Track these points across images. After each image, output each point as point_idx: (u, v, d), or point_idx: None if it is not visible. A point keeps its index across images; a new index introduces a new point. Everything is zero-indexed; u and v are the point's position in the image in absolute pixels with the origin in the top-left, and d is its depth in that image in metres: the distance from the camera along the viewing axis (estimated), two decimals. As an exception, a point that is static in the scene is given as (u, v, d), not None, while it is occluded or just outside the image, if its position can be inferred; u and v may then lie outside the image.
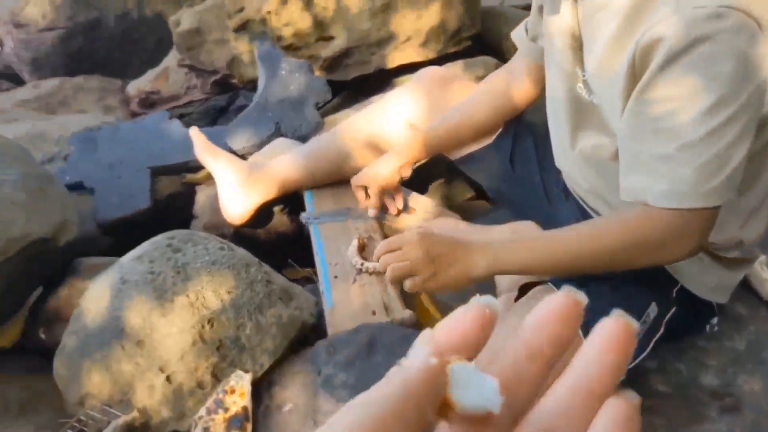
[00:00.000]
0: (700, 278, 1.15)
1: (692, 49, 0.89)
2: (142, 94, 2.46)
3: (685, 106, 0.92)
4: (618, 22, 1.00)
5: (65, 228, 1.59)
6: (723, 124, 0.91)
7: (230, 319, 1.28)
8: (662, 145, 0.95)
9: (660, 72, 0.93)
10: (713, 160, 0.92)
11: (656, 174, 0.96)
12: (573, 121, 1.19)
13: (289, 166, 1.68)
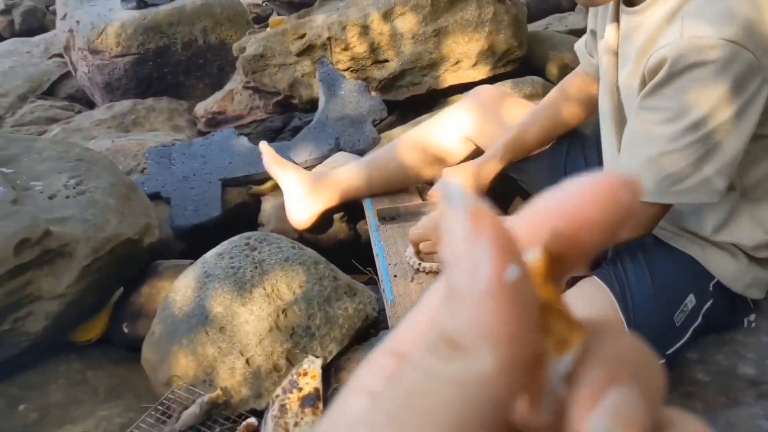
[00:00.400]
0: (735, 275, 1.25)
1: (687, 73, 1.05)
2: (209, 114, 2.64)
3: (673, 120, 1.08)
4: (642, 41, 1.14)
5: (149, 231, 1.75)
6: (699, 140, 1.07)
7: (302, 310, 1.41)
8: (648, 149, 1.12)
9: (660, 86, 1.08)
10: (690, 166, 1.09)
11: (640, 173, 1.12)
12: (618, 132, 1.32)
13: (350, 175, 1.82)
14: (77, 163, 1.75)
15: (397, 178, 1.81)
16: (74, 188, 1.68)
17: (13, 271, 1.45)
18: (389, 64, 2.34)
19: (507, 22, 2.29)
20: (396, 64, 2.33)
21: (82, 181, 1.70)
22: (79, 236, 1.56)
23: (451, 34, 2.29)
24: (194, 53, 3.05)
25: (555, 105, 1.60)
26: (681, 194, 1.12)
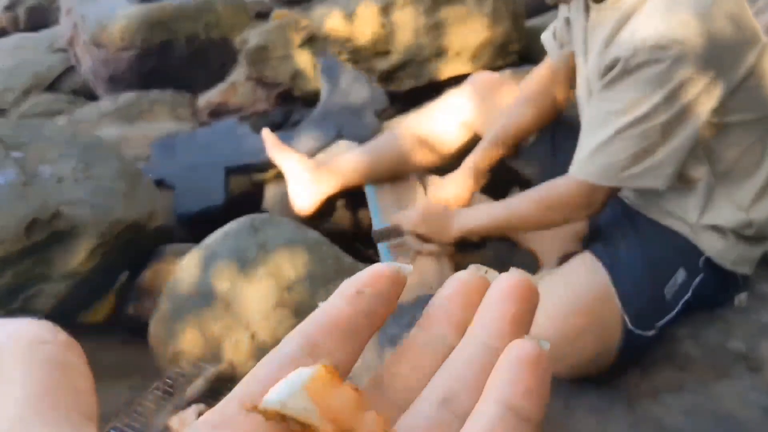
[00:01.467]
0: (723, 252, 1.28)
1: (637, 71, 1.14)
2: (212, 106, 2.68)
3: (626, 110, 1.17)
4: (604, 35, 1.21)
5: (154, 215, 1.79)
6: (646, 132, 1.16)
7: (306, 288, 1.45)
8: (601, 134, 1.20)
9: (614, 81, 1.18)
10: (638, 155, 1.18)
11: (593, 156, 1.22)
12: None
13: (352, 162, 1.86)
14: (85, 149, 1.79)
15: (397, 165, 1.85)
16: (82, 173, 1.72)
17: (24, 252, 1.49)
18: (390, 55, 2.38)
19: (506, 16, 2.33)
20: (397, 56, 2.37)
21: (90, 167, 1.74)
22: (87, 219, 1.60)
23: (451, 26, 2.33)
24: (197, 48, 3.08)
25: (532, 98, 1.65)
26: (627, 179, 1.22)
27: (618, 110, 1.18)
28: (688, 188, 1.24)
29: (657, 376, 1.26)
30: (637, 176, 1.20)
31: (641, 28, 1.14)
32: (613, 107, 1.18)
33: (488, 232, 1.49)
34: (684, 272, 1.25)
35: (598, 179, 1.23)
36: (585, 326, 1.14)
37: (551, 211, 1.32)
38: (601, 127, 1.21)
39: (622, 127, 1.17)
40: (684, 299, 1.26)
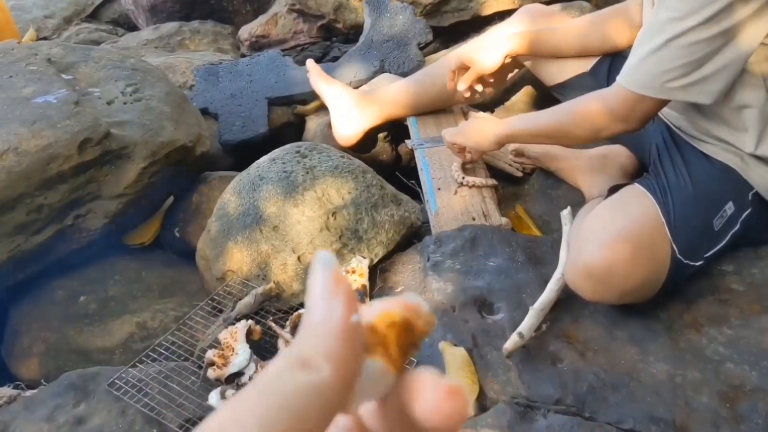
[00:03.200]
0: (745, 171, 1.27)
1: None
2: (253, 38, 2.68)
3: (682, 19, 1.13)
4: None
5: (201, 140, 1.81)
6: (704, 41, 1.13)
7: (350, 214, 1.47)
8: (652, 42, 1.18)
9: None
10: (690, 64, 1.15)
11: (641, 64, 1.20)
12: None
13: (396, 94, 1.85)
14: (133, 72, 1.80)
15: (441, 97, 1.84)
16: (131, 95, 1.74)
17: (77, 169, 1.52)
18: (435, -11, 2.35)
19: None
20: (442, -10, 2.34)
21: (139, 89, 1.76)
22: (137, 139, 1.63)
23: (499, -41, 2.29)
24: (238, -22, 3.06)
25: (597, 23, 1.62)
26: (672, 91, 1.19)
27: (674, 18, 1.15)
28: (742, 117, 1.22)
29: (700, 308, 1.27)
30: (683, 89, 1.18)
31: None
32: (670, 15, 1.16)
33: (529, 138, 1.50)
34: (733, 205, 1.25)
35: (643, 88, 1.21)
36: (635, 254, 1.15)
37: (588, 121, 1.30)
38: (655, 35, 1.18)
39: (675, 35, 1.15)
40: (732, 231, 1.25)
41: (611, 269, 1.15)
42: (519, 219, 1.60)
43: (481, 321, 1.28)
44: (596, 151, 1.63)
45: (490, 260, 1.41)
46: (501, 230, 1.49)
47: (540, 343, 1.22)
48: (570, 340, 1.23)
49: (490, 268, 1.38)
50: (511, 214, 1.62)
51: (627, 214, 1.20)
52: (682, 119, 1.39)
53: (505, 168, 1.80)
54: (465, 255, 1.42)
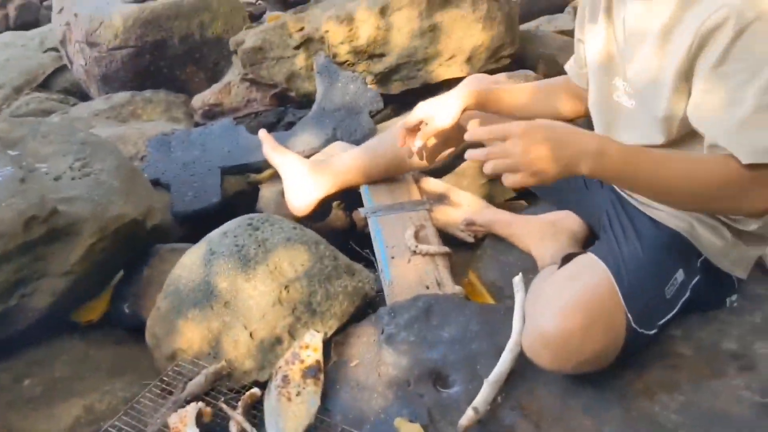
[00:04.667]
0: (723, 251, 1.31)
1: (754, 25, 1.06)
2: (206, 106, 2.69)
3: (757, 74, 1.07)
4: (665, 21, 1.18)
5: (151, 213, 1.79)
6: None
7: (303, 287, 1.46)
8: (739, 111, 1.09)
9: (730, 49, 1.08)
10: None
11: (740, 135, 1.09)
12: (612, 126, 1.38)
13: (348, 163, 1.87)
14: (82, 146, 1.79)
15: (393, 165, 1.86)
16: (79, 170, 1.72)
17: (22, 248, 1.49)
18: (385, 58, 2.40)
19: (500, 19, 2.36)
20: (392, 58, 2.39)
21: (88, 163, 1.74)
22: (85, 215, 1.60)
23: (446, 29, 2.35)
24: (191, 47, 3.09)
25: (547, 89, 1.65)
26: None
27: (746, 79, 1.07)
28: None
29: (651, 374, 1.28)
30: None
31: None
32: (737, 79, 1.08)
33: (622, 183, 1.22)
34: (683, 272, 1.27)
35: (756, 157, 1.07)
36: (590, 323, 1.16)
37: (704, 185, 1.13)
38: (733, 104, 1.09)
39: (761, 90, 1.06)
40: (683, 299, 1.28)
41: (567, 338, 1.16)
42: (472, 286, 1.61)
43: (437, 395, 1.27)
44: (546, 218, 1.66)
45: (445, 330, 1.40)
46: (455, 299, 1.49)
47: (495, 415, 1.21)
48: (525, 411, 1.23)
49: (444, 339, 1.38)
50: (464, 282, 1.63)
51: (582, 283, 1.22)
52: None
53: (457, 234, 1.81)
54: (419, 326, 1.41)
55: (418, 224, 1.74)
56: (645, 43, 1.23)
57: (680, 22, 1.16)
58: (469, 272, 1.67)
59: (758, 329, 1.37)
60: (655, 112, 1.23)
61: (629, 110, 1.32)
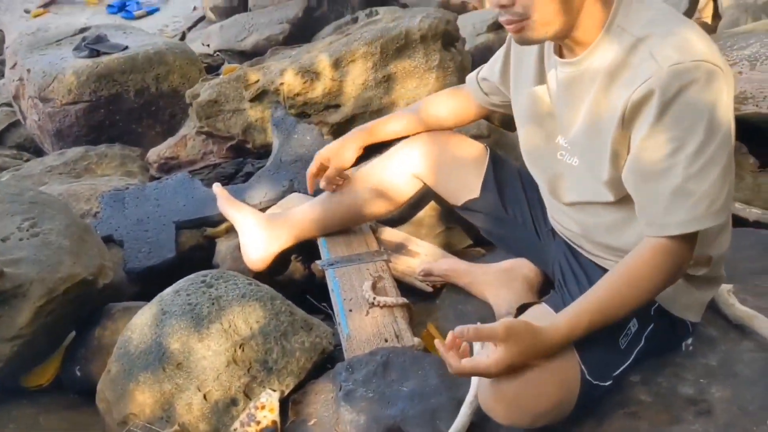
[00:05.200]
0: (674, 297, 1.32)
1: (678, 98, 1.11)
2: (161, 160, 2.66)
3: (682, 145, 1.12)
4: (595, 90, 1.22)
5: (103, 272, 1.75)
6: (714, 152, 1.12)
7: (259, 345, 1.43)
8: (669, 181, 1.14)
9: (656, 122, 1.13)
10: (715, 183, 1.13)
11: (671, 207, 1.15)
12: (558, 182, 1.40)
13: (304, 215, 1.86)
14: (31, 205, 1.75)
15: (349, 216, 1.86)
16: (28, 230, 1.68)
17: (-35, 313, 1.44)
18: (341, 108, 2.41)
19: (452, 69, 2.39)
20: (348, 109, 2.40)
21: (36, 223, 1.70)
22: (33, 277, 1.56)
23: (400, 79, 2.38)
24: (147, 101, 3.07)
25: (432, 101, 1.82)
26: (718, 214, 1.15)
27: (676, 147, 1.12)
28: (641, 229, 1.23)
29: (612, 424, 1.27)
30: (725, 207, 1.16)
31: (663, 58, 1.11)
32: (668, 147, 1.13)
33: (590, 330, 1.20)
34: (636, 322, 1.28)
35: (688, 226, 1.15)
36: (545, 376, 1.15)
37: (648, 282, 1.18)
38: (665, 173, 1.14)
39: (690, 159, 1.12)
40: (637, 348, 1.28)
41: (520, 393, 1.15)
42: (431, 338, 1.60)
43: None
44: (502, 266, 1.67)
45: (403, 385, 1.38)
46: (414, 352, 1.48)
47: (456, 472, 1.19)
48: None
49: (403, 394, 1.36)
50: (423, 334, 1.61)
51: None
52: (581, 237, 1.44)
53: (416, 284, 1.81)
54: (378, 381, 1.39)
55: (376, 275, 1.73)
56: (581, 108, 1.26)
57: (611, 90, 1.20)
58: (428, 324, 1.66)
59: (714, 372, 1.38)
60: (599, 175, 1.26)
61: (574, 168, 1.34)
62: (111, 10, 5.14)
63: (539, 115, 1.40)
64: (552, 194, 1.45)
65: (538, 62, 1.39)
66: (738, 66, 2.23)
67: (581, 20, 1.20)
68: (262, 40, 3.91)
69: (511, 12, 1.17)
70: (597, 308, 1.18)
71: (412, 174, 1.78)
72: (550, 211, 1.54)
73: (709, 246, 1.29)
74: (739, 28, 2.80)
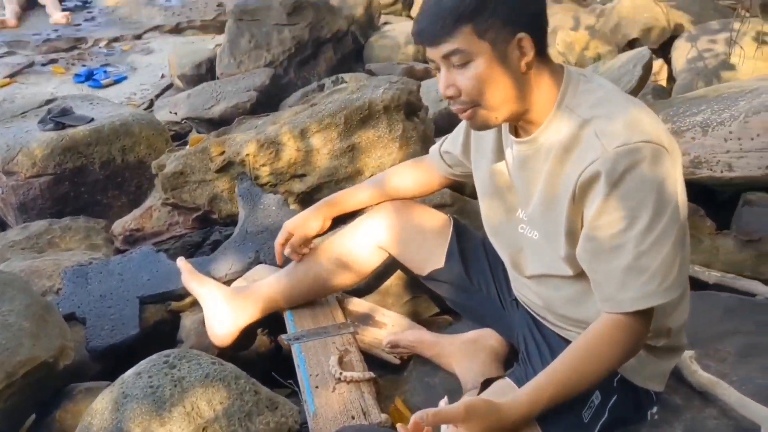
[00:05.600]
0: (636, 368, 1.33)
1: (624, 179, 1.15)
2: (127, 232, 2.64)
3: (632, 223, 1.16)
4: (548, 169, 1.25)
5: (64, 353, 1.72)
6: (664, 229, 1.16)
7: (223, 427, 1.40)
8: (621, 258, 1.17)
9: (604, 202, 1.17)
10: (667, 259, 1.16)
11: (625, 284, 1.18)
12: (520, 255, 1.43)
13: (270, 288, 1.85)
14: (-11, 286, 1.72)
15: (315, 288, 1.86)
16: (-14, 312, 1.65)
17: None
18: (306, 178, 2.43)
19: (415, 138, 2.44)
20: (313, 178, 2.42)
21: (-5, 305, 1.67)
22: (-10, 362, 1.52)
23: (365, 149, 2.41)
24: (112, 172, 3.07)
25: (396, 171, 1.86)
26: (670, 290, 1.18)
27: (626, 225, 1.16)
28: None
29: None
30: (677, 282, 1.19)
31: (608, 140, 1.15)
32: (618, 226, 1.16)
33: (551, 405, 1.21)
34: (600, 394, 1.29)
35: (641, 303, 1.18)
36: None
37: (607, 358, 1.20)
38: (616, 251, 1.18)
39: (640, 236, 1.15)
40: (601, 421, 1.29)
41: None
42: (399, 413, 1.58)
43: None
44: (468, 336, 1.67)
45: (371, 464, 1.36)
46: (380, 429, 1.46)
47: None
48: None
49: (370, 474, 1.34)
50: (391, 409, 1.60)
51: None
52: (543, 309, 1.45)
53: (383, 356, 1.80)
54: (344, 461, 1.37)
55: (342, 349, 1.72)
56: (537, 184, 1.30)
57: (563, 169, 1.24)
58: (396, 398, 1.64)
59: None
60: (557, 251, 1.29)
61: (534, 241, 1.37)
62: (78, 80, 5.14)
63: (499, 189, 1.44)
64: (514, 267, 1.48)
65: (496, 138, 1.43)
66: (691, 132, 2.30)
67: (531, 103, 1.24)
68: (230, 107, 3.94)
69: (458, 102, 1.22)
70: (557, 384, 1.19)
71: (376, 245, 1.79)
72: (513, 283, 1.56)
73: (668, 318, 1.31)
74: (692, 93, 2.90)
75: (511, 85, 1.21)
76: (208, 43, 5.62)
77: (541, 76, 1.24)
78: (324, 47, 4.53)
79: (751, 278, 2.01)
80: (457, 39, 1.19)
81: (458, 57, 1.20)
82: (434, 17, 1.20)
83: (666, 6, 4.36)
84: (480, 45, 1.19)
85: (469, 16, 1.17)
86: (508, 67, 1.20)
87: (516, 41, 1.19)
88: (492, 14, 1.17)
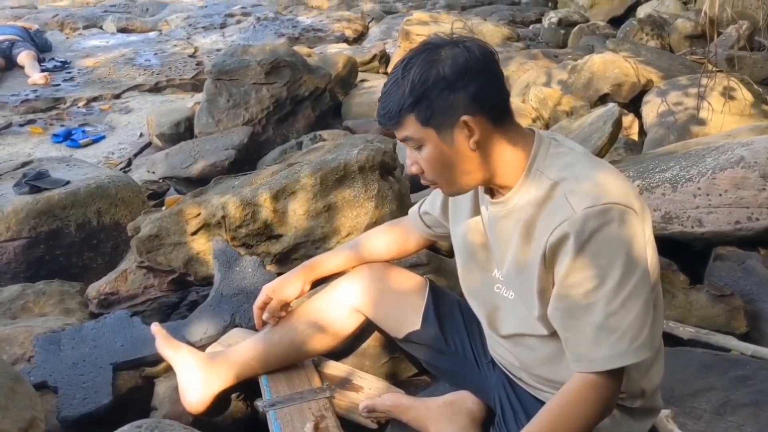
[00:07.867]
0: (613, 429, 1.33)
1: (593, 239, 1.17)
2: (101, 295, 2.61)
3: (602, 282, 1.18)
4: (520, 229, 1.28)
5: (34, 424, 1.67)
6: (633, 288, 1.18)
7: (195, 500, 1.37)
8: (592, 317, 1.19)
9: (573, 262, 1.19)
10: (637, 318, 1.17)
11: (596, 343, 1.19)
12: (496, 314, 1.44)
13: (245, 353, 1.83)
14: (-43, 359, 1.69)
15: (291, 353, 1.84)
16: (-48, 386, 1.61)
17: None
18: (283, 238, 2.44)
19: (391, 197, 2.46)
20: (290, 239, 2.42)
21: (-38, 378, 1.63)
22: (-45, 438, 1.48)
23: (341, 209, 2.43)
24: (88, 234, 3.05)
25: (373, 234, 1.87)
26: (641, 349, 1.19)
27: (596, 285, 1.17)
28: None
29: None
30: (648, 341, 1.19)
31: (577, 202, 1.19)
32: (588, 285, 1.18)
33: None
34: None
35: (612, 362, 1.19)
36: None
37: (580, 418, 1.21)
38: (587, 310, 1.19)
39: (610, 296, 1.16)
40: None
41: None
42: (376, 480, 1.56)
43: None
44: (445, 399, 1.66)
45: None
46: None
47: None
48: None
49: None
50: (367, 476, 1.57)
51: None
52: (519, 369, 1.45)
53: (360, 421, 1.78)
54: None
55: (318, 415, 1.70)
56: (510, 245, 1.32)
57: (534, 230, 1.27)
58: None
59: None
60: (532, 311, 1.30)
61: (510, 301, 1.38)
62: (56, 139, 5.13)
63: (476, 249, 1.46)
64: (490, 326, 1.49)
65: (473, 197, 1.45)
66: (661, 188, 2.34)
67: (495, 171, 1.28)
68: (208, 166, 3.95)
69: (423, 177, 1.27)
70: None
71: (352, 308, 1.79)
72: (490, 342, 1.56)
73: (643, 379, 1.32)
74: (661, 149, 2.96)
75: (464, 162, 1.27)
76: (187, 102, 5.66)
77: (503, 145, 1.28)
78: (302, 105, 4.58)
79: (725, 333, 2.03)
80: (405, 127, 1.28)
81: (411, 142, 1.30)
82: (384, 108, 1.28)
83: (635, 62, 4.48)
84: (426, 131, 1.26)
85: (410, 107, 1.25)
86: (458, 149, 1.26)
87: (461, 123, 1.24)
88: (431, 104, 1.24)
